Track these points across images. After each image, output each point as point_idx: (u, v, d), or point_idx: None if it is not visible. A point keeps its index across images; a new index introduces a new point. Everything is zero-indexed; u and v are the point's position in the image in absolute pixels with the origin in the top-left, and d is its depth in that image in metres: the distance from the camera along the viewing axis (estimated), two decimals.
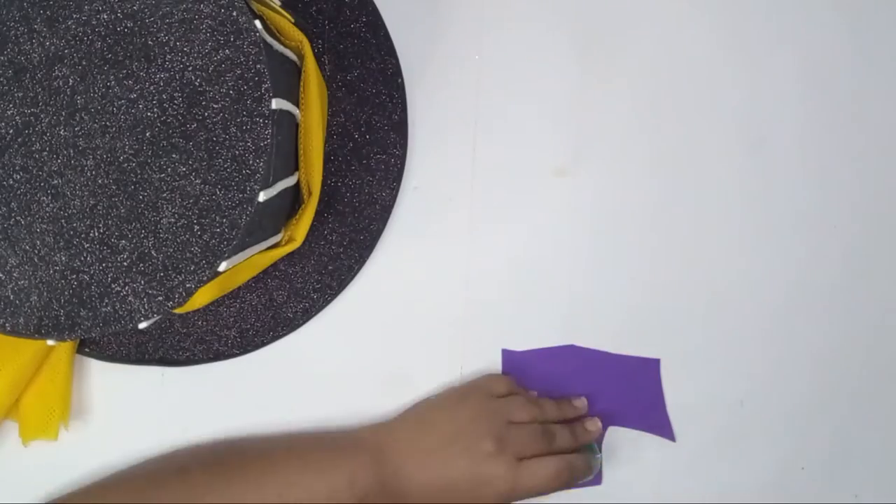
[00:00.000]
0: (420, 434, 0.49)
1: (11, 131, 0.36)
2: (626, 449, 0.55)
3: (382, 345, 0.53)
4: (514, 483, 0.48)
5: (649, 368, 0.54)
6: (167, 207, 0.36)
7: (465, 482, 0.48)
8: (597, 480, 0.54)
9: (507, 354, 0.54)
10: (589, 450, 0.52)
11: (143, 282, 0.36)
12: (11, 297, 0.36)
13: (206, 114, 0.36)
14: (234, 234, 0.36)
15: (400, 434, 0.50)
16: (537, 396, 0.53)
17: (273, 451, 0.50)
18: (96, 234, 0.36)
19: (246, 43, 0.36)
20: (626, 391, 0.54)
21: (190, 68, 0.36)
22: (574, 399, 0.53)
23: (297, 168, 0.46)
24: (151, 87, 0.36)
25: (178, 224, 0.36)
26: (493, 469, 0.48)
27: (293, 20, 0.46)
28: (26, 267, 0.36)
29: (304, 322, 0.52)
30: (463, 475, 0.48)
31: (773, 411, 0.56)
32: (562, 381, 0.54)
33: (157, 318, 0.37)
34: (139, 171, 0.36)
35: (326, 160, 0.51)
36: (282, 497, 0.46)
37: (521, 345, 0.54)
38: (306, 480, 0.47)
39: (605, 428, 0.54)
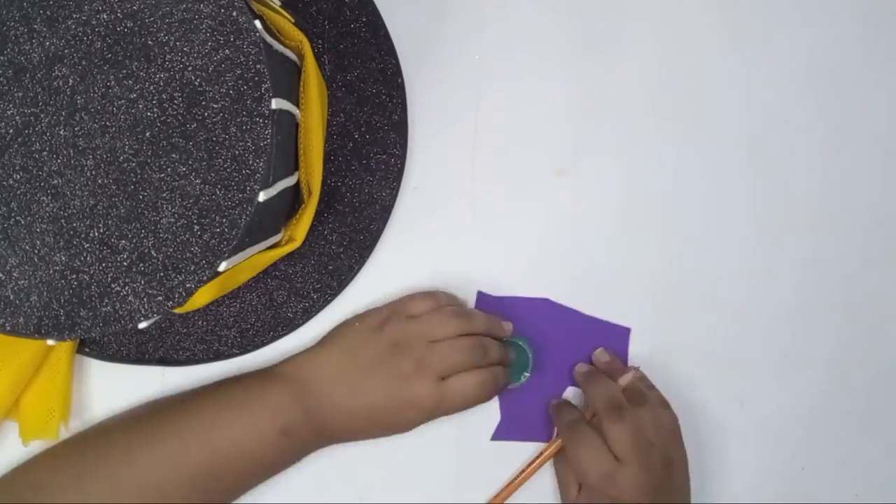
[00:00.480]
0: (340, 363, 0.49)
1: (11, 131, 0.36)
2: None
3: None
4: (438, 400, 0.48)
5: (619, 335, 0.54)
6: (167, 207, 0.36)
7: (388, 406, 0.48)
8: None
9: (481, 296, 0.54)
10: (512, 344, 0.53)
11: (142, 282, 0.36)
12: (11, 296, 0.36)
13: (205, 114, 0.36)
14: (233, 234, 0.36)
15: (320, 363, 0.50)
16: (467, 308, 0.52)
17: (192, 398, 0.50)
18: (96, 233, 0.36)
19: (246, 43, 0.36)
20: (592, 353, 0.54)
21: (190, 68, 0.36)
22: (503, 321, 0.53)
23: (297, 168, 0.46)
24: (151, 87, 0.36)
25: (178, 224, 0.36)
26: (416, 389, 0.48)
27: (293, 20, 0.46)
28: (26, 267, 0.36)
29: (305, 322, 0.52)
30: (385, 399, 0.48)
31: (774, 411, 0.56)
32: (532, 331, 0.54)
33: (157, 317, 0.37)
34: (139, 171, 0.36)
35: (326, 160, 0.51)
36: (204, 440, 0.46)
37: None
38: (226, 419, 0.47)
39: (564, 386, 0.54)
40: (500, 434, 0.54)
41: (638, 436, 0.48)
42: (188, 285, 0.37)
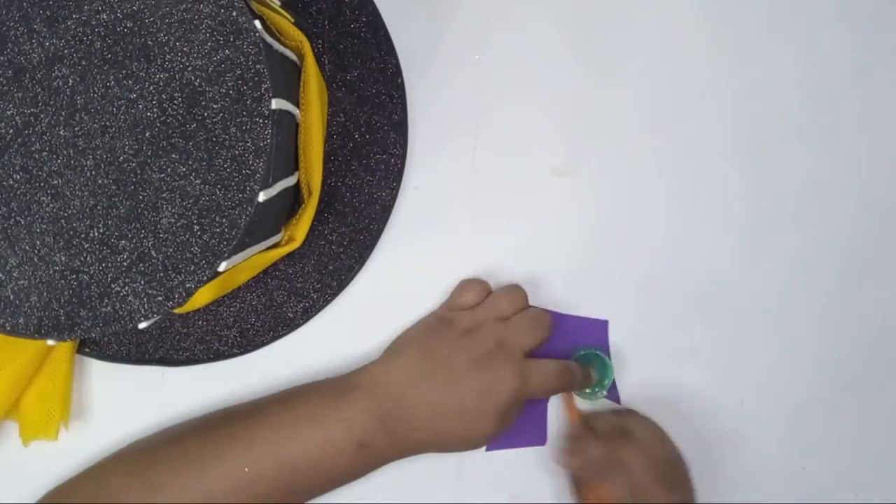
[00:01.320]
0: (419, 362, 0.48)
1: (11, 131, 0.36)
2: None
3: (382, 345, 0.53)
4: (523, 380, 0.47)
5: (598, 329, 0.54)
6: (167, 207, 0.36)
7: (475, 391, 0.46)
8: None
9: None
10: (594, 358, 0.53)
11: (142, 282, 0.36)
12: (11, 297, 0.36)
13: (205, 114, 0.36)
14: (233, 234, 0.36)
15: (397, 368, 0.48)
16: (508, 285, 0.52)
17: (263, 409, 0.49)
18: (96, 234, 0.36)
19: (246, 43, 0.36)
20: (576, 350, 0.54)
21: (190, 68, 0.36)
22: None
23: (297, 168, 0.46)
24: (151, 87, 0.36)
25: (178, 224, 0.36)
26: (501, 368, 0.46)
27: (293, 20, 0.46)
28: (26, 267, 0.36)
29: (305, 322, 0.52)
30: (469, 387, 0.46)
31: (773, 411, 0.56)
32: None
33: (157, 318, 0.37)
34: (139, 172, 0.36)
35: (326, 160, 0.51)
36: (278, 456, 0.45)
37: None
38: (301, 434, 0.46)
39: None
40: (494, 444, 0.54)
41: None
42: (188, 285, 0.37)
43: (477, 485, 0.54)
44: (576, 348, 0.54)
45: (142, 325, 0.37)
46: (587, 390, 0.53)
